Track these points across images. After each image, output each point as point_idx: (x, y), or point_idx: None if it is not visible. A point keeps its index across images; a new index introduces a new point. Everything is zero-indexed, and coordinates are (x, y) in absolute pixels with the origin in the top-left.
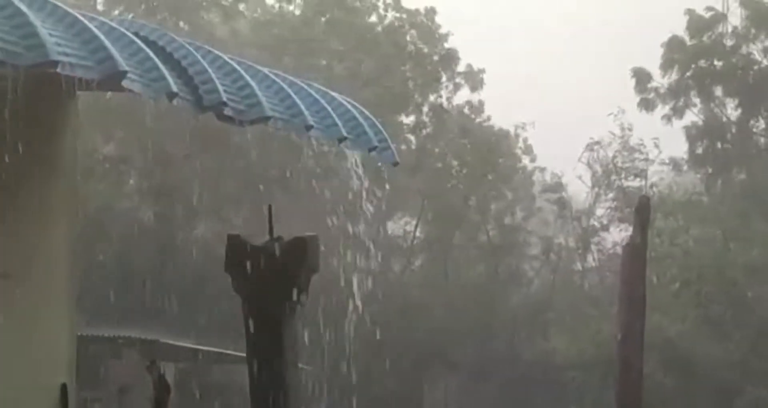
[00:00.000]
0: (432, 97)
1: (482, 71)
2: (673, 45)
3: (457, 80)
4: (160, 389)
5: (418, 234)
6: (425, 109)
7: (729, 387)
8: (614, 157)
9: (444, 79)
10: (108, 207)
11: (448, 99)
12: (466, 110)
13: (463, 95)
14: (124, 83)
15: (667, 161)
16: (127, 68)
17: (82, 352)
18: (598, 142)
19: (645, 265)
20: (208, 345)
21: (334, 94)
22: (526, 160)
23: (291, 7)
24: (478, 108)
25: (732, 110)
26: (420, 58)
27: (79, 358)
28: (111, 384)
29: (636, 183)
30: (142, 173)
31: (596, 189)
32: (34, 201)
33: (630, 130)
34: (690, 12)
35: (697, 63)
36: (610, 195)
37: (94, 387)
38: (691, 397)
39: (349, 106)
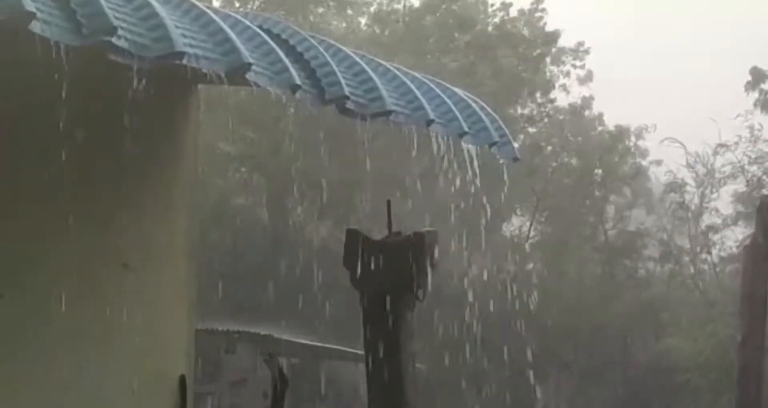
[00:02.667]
0: (542, 93)
1: (587, 51)
2: None
3: (566, 67)
4: (280, 382)
5: (532, 234)
6: (537, 104)
7: None
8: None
9: (550, 67)
10: (225, 202)
11: (562, 88)
12: (578, 102)
13: (576, 93)
14: (248, 76)
15: None
16: (251, 60)
17: (197, 346)
18: (725, 144)
19: (767, 266)
20: (322, 342)
21: (455, 89)
22: (643, 161)
23: (404, 3)
24: (587, 101)
25: None
26: (528, 49)
27: (195, 352)
28: (224, 378)
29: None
30: (261, 170)
31: (709, 189)
32: (155, 194)
33: (760, 130)
34: None
35: None
36: (724, 197)
37: (208, 380)
38: None
39: (470, 101)
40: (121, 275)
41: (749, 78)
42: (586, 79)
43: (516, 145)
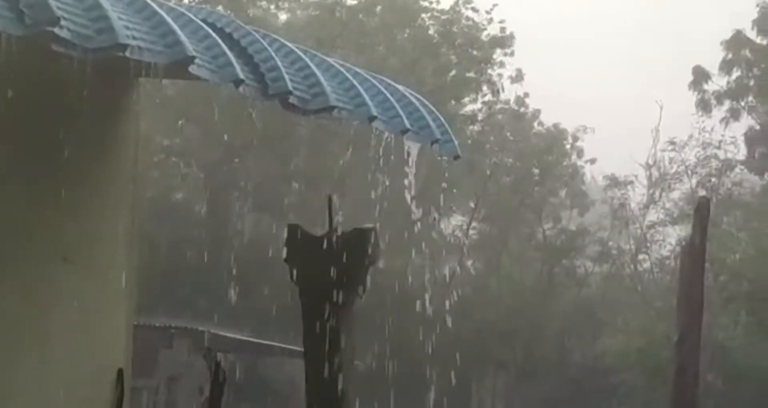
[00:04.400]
0: (483, 91)
1: (512, 37)
2: (735, 44)
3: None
4: (217, 376)
5: (471, 232)
6: (478, 104)
7: None
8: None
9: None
10: (163, 197)
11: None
12: (513, 104)
13: (511, 91)
14: (192, 69)
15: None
16: (195, 54)
17: (133, 341)
18: (673, 142)
19: (704, 266)
20: (259, 338)
21: (397, 85)
22: (581, 161)
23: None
24: (522, 100)
25: None
26: (470, 47)
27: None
28: (160, 373)
29: (690, 185)
30: (198, 164)
31: (652, 190)
32: (95, 186)
33: (705, 131)
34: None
35: (760, 64)
36: (666, 198)
37: (144, 375)
38: (741, 402)
39: (413, 98)
40: (60, 269)
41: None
42: (518, 78)
43: (457, 142)
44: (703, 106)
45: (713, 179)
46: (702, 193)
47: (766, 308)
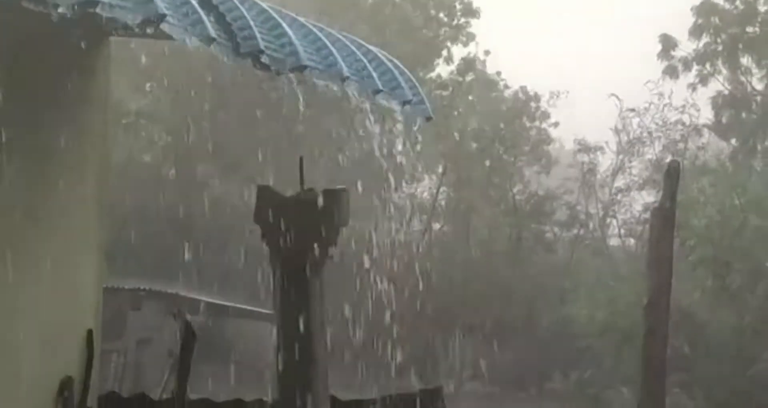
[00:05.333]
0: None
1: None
2: (704, 10)
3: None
4: (187, 336)
5: (440, 197)
6: (447, 67)
7: (745, 355)
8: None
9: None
10: (131, 160)
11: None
12: (480, 68)
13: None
14: (162, 27)
15: (695, 124)
16: (166, 11)
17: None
18: (633, 109)
19: (673, 229)
20: (228, 300)
21: (370, 46)
22: (551, 127)
23: None
24: (481, 62)
25: (758, 81)
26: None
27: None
28: (129, 336)
29: (661, 150)
30: (167, 128)
31: (621, 156)
32: (64, 146)
33: (664, 96)
34: None
35: (728, 30)
36: (634, 163)
37: (113, 338)
38: (708, 364)
39: (385, 59)
40: (30, 227)
41: (658, 46)
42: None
43: (429, 104)
44: (670, 72)
45: (679, 144)
46: (668, 158)
47: (731, 273)
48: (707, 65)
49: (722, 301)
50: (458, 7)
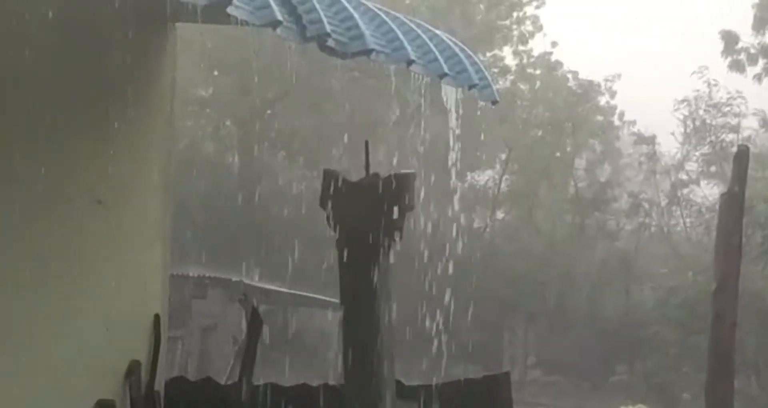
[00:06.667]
0: (513, 42)
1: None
2: (766, 2)
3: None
4: (253, 321)
5: (503, 186)
6: (509, 55)
7: None
8: (704, 112)
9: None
10: (195, 148)
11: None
12: (543, 56)
13: (541, 44)
14: (230, 10)
15: (760, 114)
16: None
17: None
18: (685, 100)
19: (742, 214)
20: (294, 289)
21: (435, 30)
22: (614, 115)
23: None
24: (548, 51)
25: None
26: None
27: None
28: (194, 323)
29: (729, 137)
30: (232, 116)
31: (686, 145)
32: (131, 131)
33: (716, 85)
34: None
35: None
36: (698, 151)
37: (178, 325)
38: None
39: (450, 43)
40: (96, 212)
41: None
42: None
43: (495, 88)
44: (737, 66)
45: (735, 134)
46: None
47: None
48: None
49: None
50: None
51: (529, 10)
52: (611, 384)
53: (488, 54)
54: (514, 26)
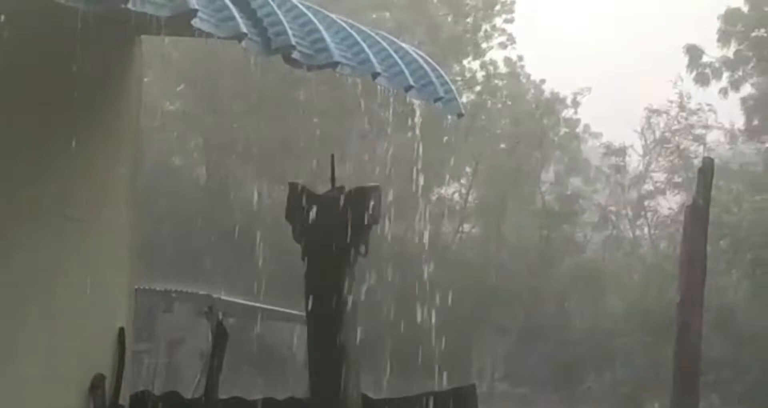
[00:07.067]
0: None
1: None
2: (730, 16)
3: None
4: (218, 334)
5: (470, 199)
6: (474, 66)
7: None
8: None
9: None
10: (162, 161)
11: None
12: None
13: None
14: (194, 22)
15: (723, 127)
16: (197, 7)
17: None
18: (656, 110)
19: (707, 226)
20: (260, 302)
21: (401, 43)
22: (579, 127)
23: None
24: (514, 63)
25: None
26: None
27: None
28: (161, 337)
29: (694, 148)
30: (198, 129)
31: (648, 157)
32: (98, 145)
33: (688, 97)
34: None
35: (756, 32)
36: (663, 163)
37: (144, 339)
38: (743, 362)
39: (416, 56)
40: (62, 226)
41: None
42: (509, 41)
43: (461, 100)
44: (702, 79)
45: (701, 146)
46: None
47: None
48: (739, 70)
49: (761, 299)
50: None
51: (498, 22)
52: (580, 395)
53: (456, 67)
54: (482, 39)
